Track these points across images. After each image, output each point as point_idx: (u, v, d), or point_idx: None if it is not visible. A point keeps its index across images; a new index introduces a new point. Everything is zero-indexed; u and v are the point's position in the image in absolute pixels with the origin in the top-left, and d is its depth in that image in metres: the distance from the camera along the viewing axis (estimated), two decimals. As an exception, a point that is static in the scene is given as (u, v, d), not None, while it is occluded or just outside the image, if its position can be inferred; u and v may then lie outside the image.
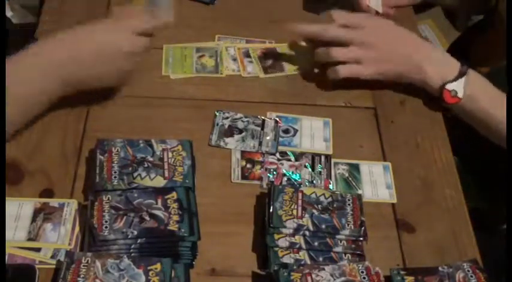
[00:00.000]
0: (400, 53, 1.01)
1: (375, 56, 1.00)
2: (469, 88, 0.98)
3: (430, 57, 1.01)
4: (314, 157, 0.96)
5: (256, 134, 0.97)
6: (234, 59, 1.08)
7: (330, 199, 0.87)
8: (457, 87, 0.98)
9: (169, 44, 1.08)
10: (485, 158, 1.01)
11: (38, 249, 0.81)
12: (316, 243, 0.83)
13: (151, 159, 0.88)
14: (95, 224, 0.80)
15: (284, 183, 0.92)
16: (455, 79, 0.98)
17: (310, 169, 0.94)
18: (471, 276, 0.80)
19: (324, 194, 0.87)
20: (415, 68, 1.01)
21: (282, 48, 1.11)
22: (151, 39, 0.94)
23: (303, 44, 1.11)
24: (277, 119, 1.00)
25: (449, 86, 0.99)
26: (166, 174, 0.86)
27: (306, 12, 1.18)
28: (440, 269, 0.81)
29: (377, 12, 1.12)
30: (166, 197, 0.83)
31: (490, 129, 0.99)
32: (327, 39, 1.02)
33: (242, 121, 0.99)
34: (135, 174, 0.86)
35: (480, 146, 1.10)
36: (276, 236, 0.83)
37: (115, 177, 0.85)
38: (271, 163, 0.94)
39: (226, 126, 0.98)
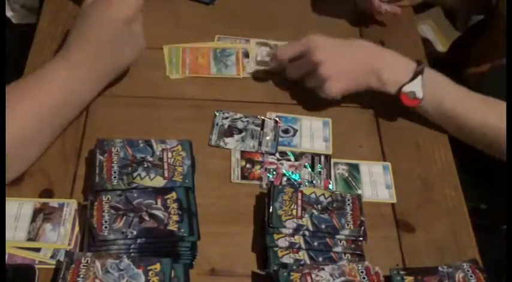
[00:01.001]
0: (353, 65, 0.99)
1: (336, 72, 0.98)
2: (428, 88, 0.97)
3: (383, 63, 0.99)
4: (314, 157, 0.96)
5: (256, 134, 0.97)
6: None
7: (329, 199, 0.86)
8: (415, 87, 0.96)
9: (172, 44, 1.08)
10: (485, 158, 1.01)
11: (37, 249, 0.81)
12: (315, 243, 0.83)
13: (151, 159, 0.88)
14: (94, 224, 0.80)
15: (284, 183, 0.92)
16: (411, 80, 0.97)
17: (309, 169, 0.94)
18: (471, 276, 0.80)
19: (323, 194, 0.87)
20: (371, 76, 0.99)
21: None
22: None
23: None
24: (277, 119, 1.00)
25: (405, 88, 0.97)
26: (166, 174, 0.86)
27: (306, 12, 1.18)
28: (440, 269, 0.81)
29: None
30: (166, 197, 0.83)
31: (462, 130, 0.98)
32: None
33: (242, 121, 0.99)
34: (134, 174, 0.86)
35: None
36: (276, 236, 0.83)
37: (115, 177, 0.85)
38: (271, 163, 0.94)
39: (226, 126, 0.98)
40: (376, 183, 0.94)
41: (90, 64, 0.91)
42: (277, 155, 0.95)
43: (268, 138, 0.97)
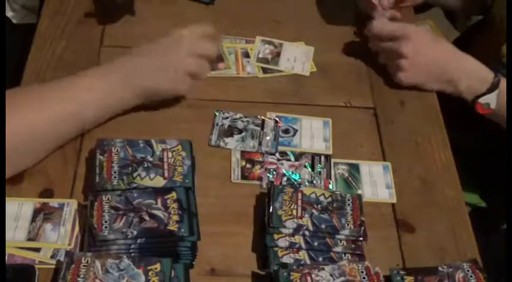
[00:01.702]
0: (433, 69, 1.03)
1: (414, 69, 1.03)
2: (500, 98, 1.00)
3: (462, 70, 1.02)
4: (314, 157, 0.96)
5: (256, 134, 0.97)
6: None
7: (329, 199, 0.86)
8: (490, 99, 1.00)
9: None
10: (485, 158, 1.01)
11: (37, 249, 0.81)
12: (315, 243, 0.83)
13: (151, 159, 0.88)
14: (94, 224, 0.80)
15: (284, 183, 0.92)
16: (487, 92, 1.00)
17: (310, 169, 0.94)
18: (471, 276, 0.80)
19: (323, 194, 0.87)
20: (447, 82, 1.03)
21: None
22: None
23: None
24: (277, 119, 1.00)
25: (481, 100, 1.01)
26: (166, 174, 0.86)
27: (306, 12, 1.18)
28: (440, 269, 0.81)
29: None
30: (166, 197, 0.83)
31: None
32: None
33: (242, 121, 0.99)
34: (134, 174, 0.86)
35: (480, 146, 1.10)
36: (276, 236, 0.83)
37: (115, 177, 0.85)
38: (271, 163, 0.94)
39: (226, 126, 0.98)
40: (376, 183, 0.94)
41: (119, 91, 0.91)
42: (277, 155, 0.95)
43: (268, 138, 0.97)
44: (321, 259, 0.82)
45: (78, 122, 0.90)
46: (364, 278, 0.78)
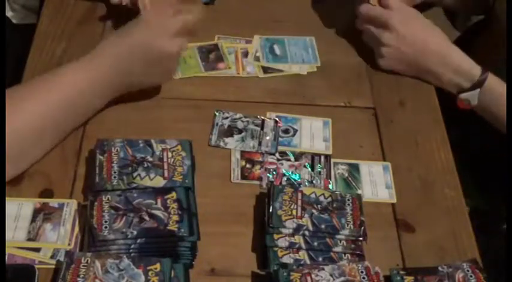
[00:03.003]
0: (414, 61, 1.03)
1: (395, 58, 1.04)
2: (482, 98, 1.00)
3: (445, 65, 1.02)
4: (314, 157, 0.96)
5: (256, 134, 0.97)
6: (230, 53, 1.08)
7: (329, 199, 0.86)
8: (471, 96, 1.00)
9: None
10: (485, 158, 1.01)
11: (37, 249, 0.81)
12: (315, 243, 0.83)
13: (150, 159, 0.88)
14: (94, 224, 0.80)
15: (284, 183, 0.92)
16: (469, 90, 1.00)
17: (309, 169, 0.94)
18: (471, 276, 0.80)
19: (323, 194, 0.87)
20: (428, 74, 1.03)
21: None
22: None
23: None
24: (277, 119, 1.00)
25: (462, 96, 1.00)
26: (166, 174, 0.86)
27: (306, 12, 1.18)
28: (439, 269, 0.81)
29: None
30: (165, 197, 0.83)
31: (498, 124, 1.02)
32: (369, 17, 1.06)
33: (242, 121, 0.99)
34: (134, 174, 0.86)
35: (480, 145, 1.10)
36: (276, 236, 0.83)
37: (114, 177, 0.85)
38: (270, 163, 0.94)
39: (226, 126, 0.98)
40: (376, 183, 0.94)
41: (109, 74, 0.91)
42: (277, 155, 0.95)
43: (268, 138, 0.97)
44: (320, 259, 0.82)
45: (77, 108, 0.91)
46: (364, 278, 0.78)
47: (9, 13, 1.26)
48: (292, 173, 0.94)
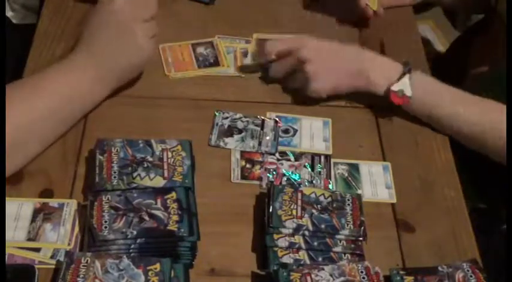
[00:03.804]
0: (341, 65, 1.01)
1: (323, 71, 1.00)
2: (416, 86, 0.98)
3: (372, 64, 1.01)
4: (314, 157, 0.96)
5: (256, 134, 0.97)
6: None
7: (329, 199, 0.86)
8: (403, 86, 0.98)
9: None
10: (485, 158, 1.01)
11: (37, 249, 0.81)
12: (315, 243, 0.83)
13: (150, 159, 0.88)
14: (94, 224, 0.80)
15: (284, 183, 0.92)
16: (400, 78, 0.98)
17: (309, 169, 0.94)
18: (471, 276, 0.80)
19: (323, 194, 0.87)
20: (358, 74, 1.00)
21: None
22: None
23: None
24: (277, 119, 1.00)
25: (394, 87, 0.98)
26: (166, 174, 0.86)
27: (305, 12, 1.18)
28: (439, 269, 0.81)
29: (374, 12, 1.12)
30: (165, 197, 0.83)
31: (455, 133, 0.99)
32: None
33: (242, 121, 0.99)
34: (134, 174, 0.86)
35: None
36: (276, 236, 0.83)
37: (114, 177, 0.85)
38: (270, 163, 0.94)
39: (226, 126, 0.98)
40: (376, 183, 0.94)
41: (100, 66, 0.92)
42: (277, 155, 0.95)
43: (268, 138, 0.97)
44: (320, 259, 0.82)
45: (76, 102, 0.91)
46: (363, 278, 0.78)
47: (9, 13, 1.26)
48: (292, 173, 0.94)
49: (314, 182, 0.93)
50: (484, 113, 0.97)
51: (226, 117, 0.99)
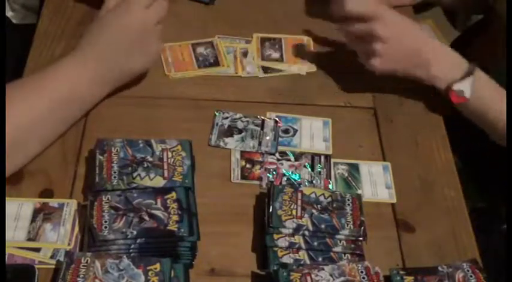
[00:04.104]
0: (408, 52, 0.99)
1: (390, 53, 0.99)
2: (475, 87, 0.97)
3: (436, 54, 0.99)
4: (314, 157, 0.96)
5: (256, 134, 0.97)
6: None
7: (329, 199, 0.86)
8: (464, 87, 0.97)
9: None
10: (485, 158, 1.01)
11: (37, 249, 0.81)
12: (315, 243, 0.83)
13: (150, 159, 0.88)
14: (94, 224, 0.80)
15: (284, 183, 0.92)
16: (462, 79, 0.97)
17: (309, 169, 0.94)
18: (471, 276, 0.80)
19: (323, 194, 0.87)
20: (420, 66, 0.99)
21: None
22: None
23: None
24: (277, 119, 1.00)
25: (455, 86, 0.97)
26: (166, 174, 0.86)
27: (306, 12, 1.18)
28: (439, 269, 0.81)
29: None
30: (165, 197, 0.83)
31: (494, 127, 0.99)
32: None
33: (242, 121, 0.99)
34: (134, 174, 0.86)
35: (480, 145, 1.10)
36: (276, 236, 0.83)
37: (114, 177, 0.85)
38: (270, 163, 0.94)
39: (226, 126, 0.98)
40: (376, 183, 0.94)
41: (100, 67, 0.92)
42: (277, 155, 0.95)
43: (268, 138, 0.97)
44: (320, 259, 0.82)
45: (76, 101, 0.91)
46: (363, 278, 0.78)
47: (9, 13, 1.26)
48: (292, 173, 0.94)
49: (314, 182, 0.93)
50: None
51: (226, 117, 0.99)
